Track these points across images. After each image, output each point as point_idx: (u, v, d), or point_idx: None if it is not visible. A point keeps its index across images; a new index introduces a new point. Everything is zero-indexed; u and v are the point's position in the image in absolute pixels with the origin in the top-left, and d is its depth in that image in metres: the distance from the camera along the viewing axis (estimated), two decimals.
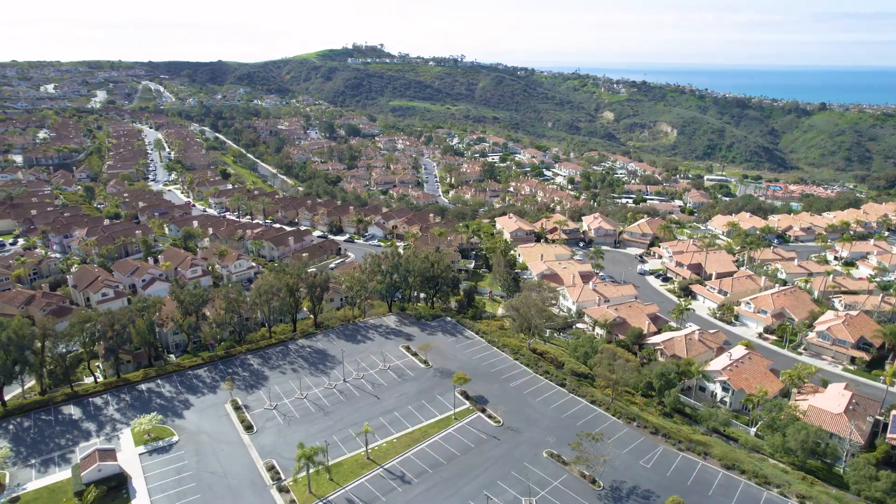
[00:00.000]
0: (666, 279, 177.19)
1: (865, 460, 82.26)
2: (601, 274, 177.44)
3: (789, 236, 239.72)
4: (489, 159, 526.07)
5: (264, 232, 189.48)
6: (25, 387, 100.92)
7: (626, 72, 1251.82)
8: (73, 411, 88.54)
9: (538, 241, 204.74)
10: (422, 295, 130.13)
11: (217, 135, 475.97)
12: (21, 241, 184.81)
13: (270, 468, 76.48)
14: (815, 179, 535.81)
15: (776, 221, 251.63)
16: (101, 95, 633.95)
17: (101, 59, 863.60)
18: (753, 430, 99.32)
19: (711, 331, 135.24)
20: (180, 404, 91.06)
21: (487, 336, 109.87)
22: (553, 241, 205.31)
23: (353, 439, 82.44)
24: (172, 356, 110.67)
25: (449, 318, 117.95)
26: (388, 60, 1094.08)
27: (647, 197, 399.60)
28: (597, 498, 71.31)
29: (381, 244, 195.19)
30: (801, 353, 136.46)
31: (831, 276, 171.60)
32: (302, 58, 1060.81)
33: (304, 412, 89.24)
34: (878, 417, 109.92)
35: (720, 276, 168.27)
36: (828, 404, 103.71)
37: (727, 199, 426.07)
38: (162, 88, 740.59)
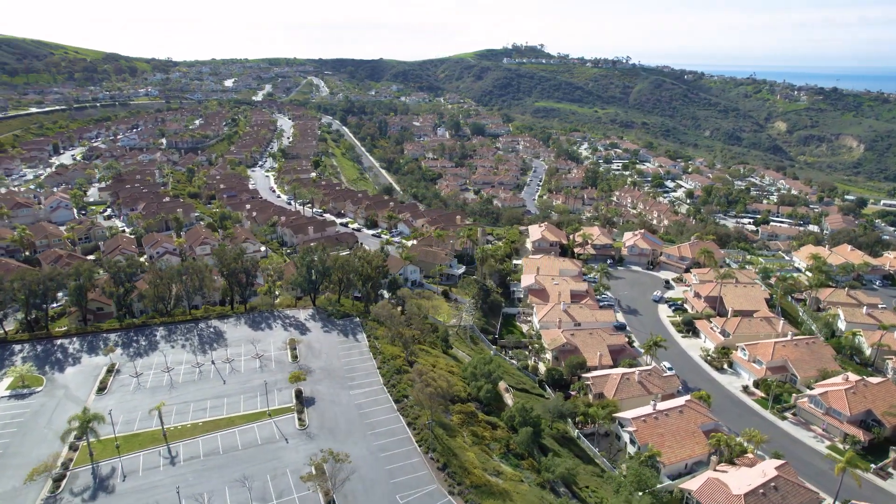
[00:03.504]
0: (678, 309, 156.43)
1: None
2: (605, 295, 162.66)
3: None
4: (613, 166, 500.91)
5: (294, 220, 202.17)
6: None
7: (816, 77, 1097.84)
8: None
9: (563, 253, 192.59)
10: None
11: (343, 127, 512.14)
12: (108, 211, 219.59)
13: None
14: None
15: (891, 259, 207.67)
16: (267, 88, 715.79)
17: (280, 57, 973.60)
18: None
19: (666, 374, 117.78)
20: (71, 360, 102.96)
21: (373, 342, 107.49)
22: (579, 256, 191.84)
23: (172, 414, 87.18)
24: (134, 319, 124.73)
25: (357, 319, 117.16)
26: (543, 61, 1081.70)
27: (774, 219, 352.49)
28: None
29: (403, 241, 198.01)
30: (785, 418, 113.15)
31: (895, 331, 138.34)
32: (459, 57, 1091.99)
33: (156, 384, 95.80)
34: None
35: (738, 313, 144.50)
36: (736, 482, 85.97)
37: (892, 228, 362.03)
38: (322, 83, 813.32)
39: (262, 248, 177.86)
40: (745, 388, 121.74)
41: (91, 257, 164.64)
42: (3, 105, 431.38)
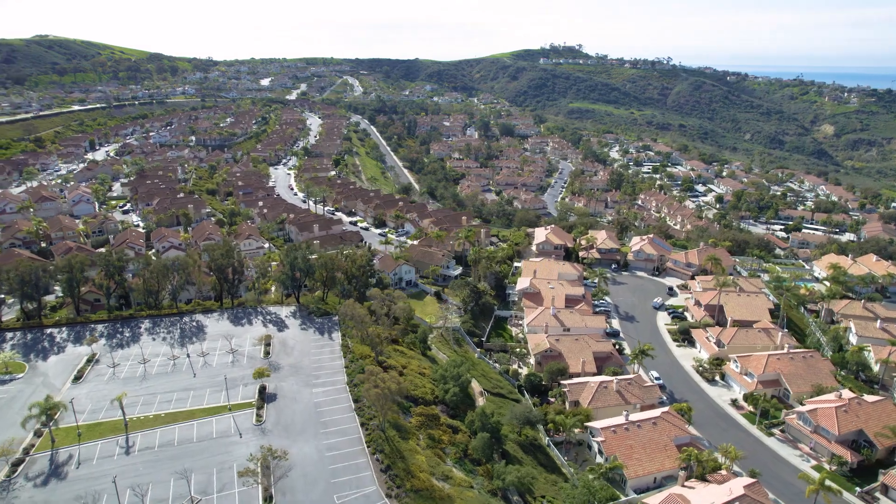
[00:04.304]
0: (677, 317, 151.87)
1: None
2: (603, 301, 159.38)
3: None
4: (643, 169, 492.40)
5: (300, 218, 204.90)
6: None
7: (871, 78, 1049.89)
8: None
9: (567, 256, 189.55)
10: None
11: (371, 126, 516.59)
12: (128, 206, 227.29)
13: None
14: None
15: None
16: (302, 88, 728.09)
17: (317, 56, 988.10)
18: None
19: (648, 384, 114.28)
20: (56, 349, 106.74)
21: (346, 340, 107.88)
22: (583, 260, 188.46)
23: (138, 404, 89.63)
24: (122, 311, 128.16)
25: (336, 317, 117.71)
26: (581, 62, 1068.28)
27: (807, 226, 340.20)
28: None
29: (408, 240, 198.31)
30: (772, 435, 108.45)
31: None
32: (495, 57, 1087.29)
33: (130, 375, 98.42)
34: None
35: (738, 323, 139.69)
36: (699, 500, 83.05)
37: None
38: (357, 83, 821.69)
39: (266, 245, 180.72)
40: (734, 402, 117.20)
41: (101, 250, 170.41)
42: (48, 103, 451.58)
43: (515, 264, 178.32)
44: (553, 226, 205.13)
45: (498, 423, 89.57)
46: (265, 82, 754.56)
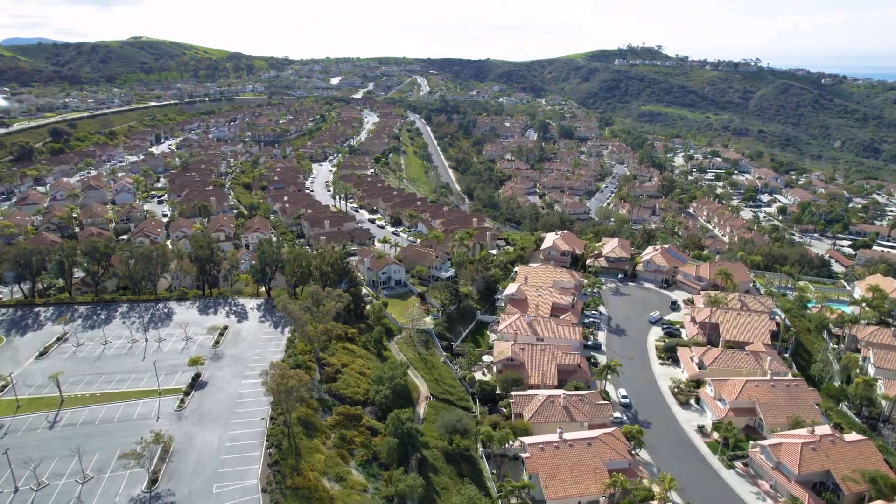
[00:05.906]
0: (670, 333, 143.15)
1: None
2: (594, 312, 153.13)
3: None
4: (706, 176, 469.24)
5: (314, 214, 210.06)
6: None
7: None
8: None
9: (574, 263, 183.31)
10: None
11: (426, 126, 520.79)
12: (165, 197, 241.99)
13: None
14: None
15: None
16: (369, 87, 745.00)
17: (389, 56, 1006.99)
18: None
19: (601, 402, 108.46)
20: (36, 326, 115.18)
21: (294, 335, 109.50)
22: (589, 268, 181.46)
23: (82, 383, 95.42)
24: (105, 295, 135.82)
25: None
26: (659, 63, 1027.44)
27: (882, 243, 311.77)
28: (141, 493, 71.57)
29: (416, 239, 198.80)
30: (732, 468, 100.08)
31: None
32: (568, 58, 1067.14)
33: (87, 355, 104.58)
34: None
35: (731, 343, 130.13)
36: None
37: None
38: (425, 82, 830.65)
39: (273, 239, 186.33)
40: (701, 429, 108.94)
41: (124, 237, 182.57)
42: (128, 99, 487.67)
43: (515, 269, 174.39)
44: (565, 231, 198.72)
45: (412, 428, 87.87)
46: (335, 81, 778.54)
